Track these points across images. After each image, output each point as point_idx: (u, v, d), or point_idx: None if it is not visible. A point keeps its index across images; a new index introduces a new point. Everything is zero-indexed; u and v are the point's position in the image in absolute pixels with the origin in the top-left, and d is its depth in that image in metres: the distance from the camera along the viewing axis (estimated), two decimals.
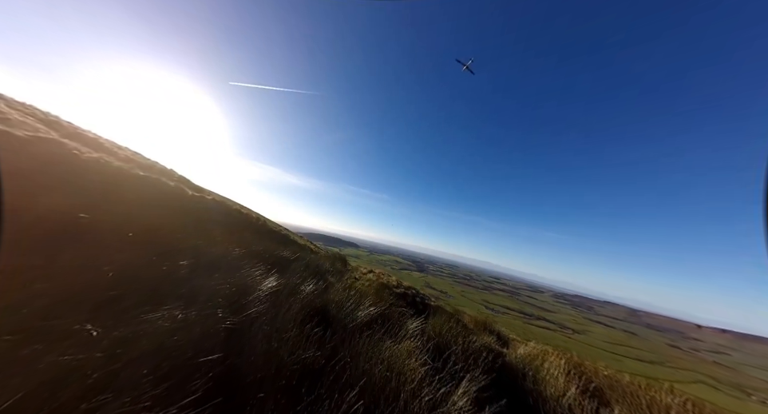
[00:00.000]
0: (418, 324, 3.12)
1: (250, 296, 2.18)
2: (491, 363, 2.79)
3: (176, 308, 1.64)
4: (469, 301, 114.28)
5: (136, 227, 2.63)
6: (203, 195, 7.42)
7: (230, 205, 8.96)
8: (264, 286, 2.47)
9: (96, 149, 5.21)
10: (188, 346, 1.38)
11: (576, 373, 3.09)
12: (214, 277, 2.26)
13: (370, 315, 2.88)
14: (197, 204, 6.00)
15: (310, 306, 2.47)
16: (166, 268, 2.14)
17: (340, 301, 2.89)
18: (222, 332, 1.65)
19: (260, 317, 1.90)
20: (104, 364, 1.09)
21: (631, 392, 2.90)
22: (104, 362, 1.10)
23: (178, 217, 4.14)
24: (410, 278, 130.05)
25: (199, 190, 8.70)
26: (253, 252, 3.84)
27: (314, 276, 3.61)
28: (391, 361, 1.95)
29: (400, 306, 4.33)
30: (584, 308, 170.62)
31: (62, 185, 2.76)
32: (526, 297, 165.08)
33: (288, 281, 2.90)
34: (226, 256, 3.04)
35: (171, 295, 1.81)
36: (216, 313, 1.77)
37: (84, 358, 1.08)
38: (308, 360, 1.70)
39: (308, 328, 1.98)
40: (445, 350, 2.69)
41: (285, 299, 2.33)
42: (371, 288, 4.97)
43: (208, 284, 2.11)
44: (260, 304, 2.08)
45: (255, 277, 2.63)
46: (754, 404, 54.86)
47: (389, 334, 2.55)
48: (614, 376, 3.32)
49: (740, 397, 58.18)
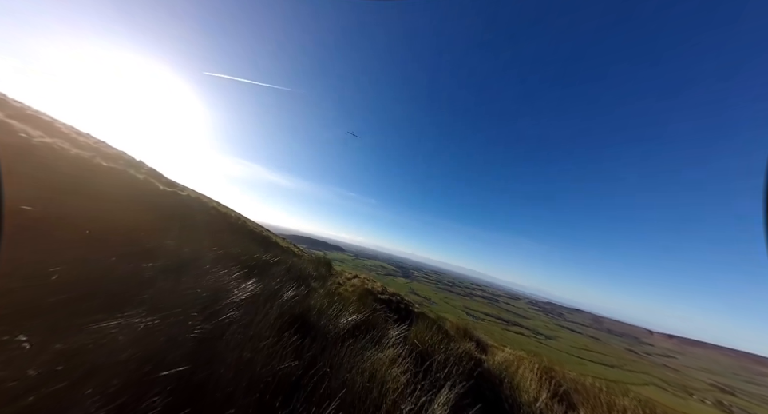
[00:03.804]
0: (402, 331, 3.09)
1: (223, 302, 2.02)
2: (471, 370, 2.83)
3: (136, 316, 1.47)
4: (452, 308, 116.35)
5: (95, 223, 2.35)
6: (176, 190, 6.88)
7: (206, 203, 8.39)
8: (240, 291, 2.32)
9: (51, 133, 4.65)
10: (148, 358, 1.23)
11: (547, 378, 3.23)
12: (183, 281, 2.07)
13: (353, 322, 2.80)
14: (169, 200, 5.55)
15: (289, 313, 2.34)
16: (127, 269, 1.93)
17: (322, 308, 2.78)
18: (189, 342, 1.50)
19: (234, 325, 1.76)
20: (39, 384, 0.93)
21: (594, 394, 3.09)
22: (38, 381, 0.94)
23: (145, 214, 3.79)
24: (395, 284, 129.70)
25: (172, 185, 8.07)
26: (230, 254, 3.60)
27: (295, 281, 3.46)
28: (373, 370, 1.90)
29: (384, 313, 4.27)
30: (555, 315, 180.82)
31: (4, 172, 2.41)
32: (504, 304, 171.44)
33: (267, 286, 2.75)
34: (199, 258, 2.81)
35: (131, 300, 1.63)
36: (184, 321, 1.61)
37: (12, 377, 0.92)
38: (284, 371, 1.60)
39: (286, 336, 1.87)
40: (427, 357, 2.69)
41: (262, 305, 2.20)
42: (355, 294, 4.87)
43: (177, 288, 1.93)
44: (234, 311, 1.93)
45: (231, 281, 2.45)
46: (694, 402, 64.52)
47: (373, 342, 2.49)
48: (579, 379, 3.53)
49: (683, 397, 66.61)
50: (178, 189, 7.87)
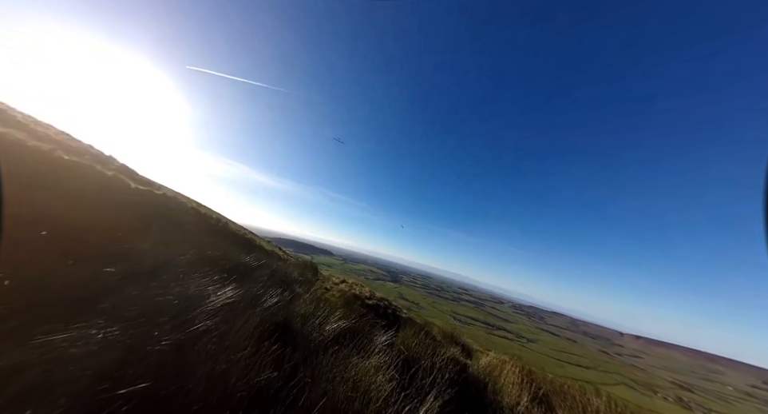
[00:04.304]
0: (388, 337, 3.05)
1: (197, 309, 1.88)
2: (456, 375, 2.83)
3: (94, 326, 1.33)
4: (439, 312, 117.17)
5: (54, 223, 2.12)
6: (150, 189, 6.41)
7: (185, 203, 7.89)
8: (217, 297, 2.18)
9: (3, 122, 4.19)
10: (105, 374, 1.11)
11: (528, 381, 3.32)
12: (153, 287, 1.91)
13: (338, 329, 2.71)
14: (141, 198, 5.15)
15: (271, 320, 2.23)
16: (87, 274, 1.75)
17: (306, 314, 2.68)
18: (155, 354, 1.37)
19: (207, 334, 1.64)
20: None
21: (571, 396, 3.22)
22: None
23: (114, 213, 3.49)
24: (384, 289, 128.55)
25: (147, 183, 7.53)
26: (208, 258, 3.39)
27: (279, 286, 3.32)
28: (357, 379, 1.84)
29: (371, 318, 4.20)
30: (537, 318, 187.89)
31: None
32: (490, 308, 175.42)
33: (248, 292, 2.60)
34: (172, 262, 2.62)
35: (90, 309, 1.47)
36: (150, 331, 1.48)
37: None
38: (262, 383, 1.51)
39: (266, 345, 1.77)
40: (413, 364, 2.66)
41: (241, 312, 2.07)
42: (342, 300, 4.75)
43: (144, 294, 1.78)
44: (209, 319, 1.80)
45: (207, 287, 2.30)
46: (658, 400, 70.03)
47: (358, 349, 2.42)
48: (557, 381, 3.67)
49: (649, 395, 72.30)
50: (153, 187, 7.36)
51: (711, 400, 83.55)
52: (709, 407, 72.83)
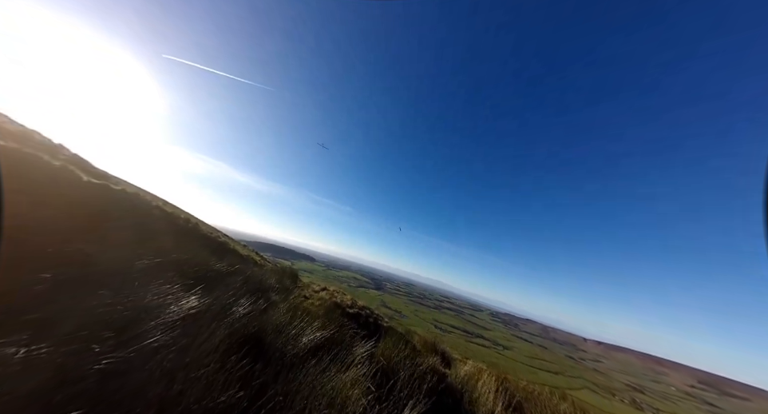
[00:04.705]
0: (368, 347, 2.95)
1: (152, 322, 1.67)
2: (435, 385, 2.80)
3: (16, 343, 1.11)
4: (421, 321, 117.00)
5: None
6: (106, 183, 5.71)
7: (148, 200, 7.14)
8: (179, 307, 1.96)
9: None
10: (27, 400, 0.92)
11: (503, 389, 3.40)
12: (98, 296, 1.66)
13: (316, 340, 2.57)
14: (94, 193, 4.58)
15: (241, 332, 2.05)
16: (13, 281, 1.47)
17: (281, 325, 2.50)
18: (93, 376, 1.18)
19: (163, 350, 1.45)
20: None
21: (541, 402, 3.35)
22: None
23: (58, 210, 3.04)
24: (367, 296, 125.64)
25: (102, 176, 6.72)
26: (171, 263, 3.06)
27: (253, 294, 3.08)
28: (334, 394, 1.73)
29: (351, 328, 4.05)
30: (512, 326, 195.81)
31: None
32: (469, 316, 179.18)
33: (216, 301, 2.38)
34: (126, 267, 2.32)
35: (12, 322, 1.23)
36: (88, 347, 1.27)
37: None
38: (225, 403, 1.36)
39: (233, 360, 1.61)
40: (392, 375, 2.58)
41: (207, 324, 1.88)
42: (322, 309, 4.53)
43: (86, 305, 1.54)
44: (167, 332, 1.60)
45: (168, 295, 2.06)
46: (617, 402, 77.67)
47: (336, 361, 2.31)
48: (529, 388, 3.81)
49: (609, 398, 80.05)
50: (110, 181, 6.57)
51: (658, 400, 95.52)
52: (657, 407, 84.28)
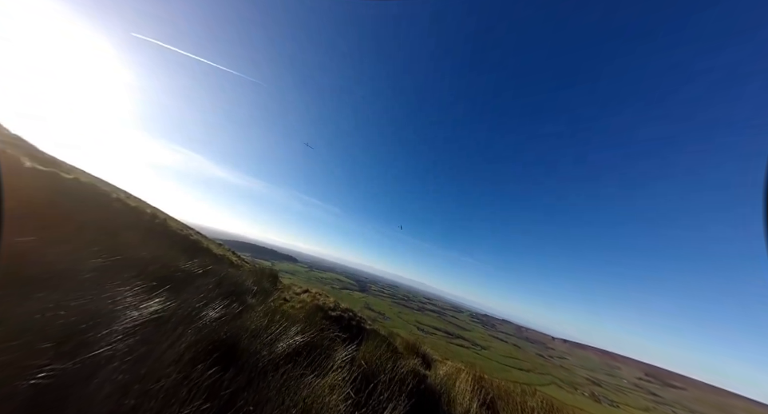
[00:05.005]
0: (350, 351, 2.88)
1: (105, 329, 1.47)
2: (415, 387, 2.81)
3: None
4: (404, 323, 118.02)
5: None
6: (55, 170, 5.00)
7: (107, 192, 6.37)
8: (138, 312, 1.75)
9: None
10: None
11: (479, 388, 3.51)
12: (37, 299, 1.43)
13: (294, 345, 2.45)
14: (39, 182, 4.00)
15: (210, 338, 1.88)
16: None
17: (257, 329, 2.35)
18: (25, 391, 1.00)
19: (116, 360, 1.28)
20: None
21: (512, 399, 3.51)
22: None
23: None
24: (350, 299, 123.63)
25: (51, 163, 5.87)
26: (132, 262, 2.75)
27: (226, 297, 2.86)
28: (310, 402, 1.65)
29: (333, 331, 3.93)
30: (489, 326, 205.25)
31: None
32: (450, 317, 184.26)
33: (183, 304, 2.17)
34: (76, 267, 2.03)
35: None
36: (23, 359, 1.08)
37: None
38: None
39: (200, 369, 1.47)
40: (373, 379, 2.54)
41: (171, 330, 1.70)
42: (303, 312, 4.35)
43: (20, 310, 1.31)
44: (121, 341, 1.42)
45: (125, 299, 1.84)
46: (578, 396, 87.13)
47: (314, 367, 2.21)
48: (503, 386, 3.98)
49: (572, 392, 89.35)
50: (60, 169, 5.76)
51: (613, 392, 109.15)
52: (611, 398, 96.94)
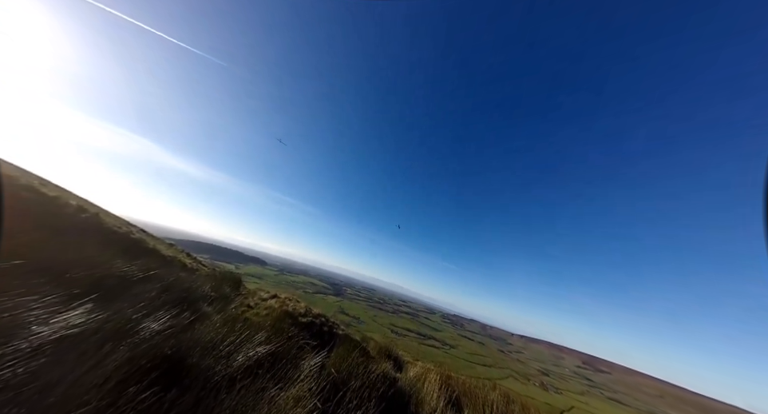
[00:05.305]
0: (320, 359, 2.73)
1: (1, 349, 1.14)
2: (386, 390, 2.78)
3: None
4: (379, 326, 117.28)
5: None
6: None
7: (16, 177, 5.09)
8: (49, 327, 1.40)
9: None
10: None
11: (445, 386, 3.64)
12: None
13: (256, 356, 2.22)
14: None
15: (149, 354, 1.60)
16: None
17: (213, 341, 2.08)
18: None
19: (8, 391, 1.00)
20: None
21: (475, 394, 3.73)
22: None
23: None
24: (324, 303, 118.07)
25: None
26: (43, 265, 2.21)
27: (175, 306, 2.48)
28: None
29: (302, 339, 3.68)
30: (458, 326, 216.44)
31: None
32: (424, 319, 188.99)
33: (115, 316, 1.82)
34: None
35: None
36: None
37: None
38: None
39: (133, 391, 1.23)
40: (342, 386, 2.44)
41: (96, 348, 1.40)
42: (270, 319, 4.00)
43: None
44: (18, 364, 1.11)
45: (31, 311, 1.46)
46: (531, 386, 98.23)
47: (278, 378, 2.03)
48: (467, 382, 4.20)
49: (525, 383, 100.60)
50: None
51: (558, 380, 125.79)
52: (557, 386, 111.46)
